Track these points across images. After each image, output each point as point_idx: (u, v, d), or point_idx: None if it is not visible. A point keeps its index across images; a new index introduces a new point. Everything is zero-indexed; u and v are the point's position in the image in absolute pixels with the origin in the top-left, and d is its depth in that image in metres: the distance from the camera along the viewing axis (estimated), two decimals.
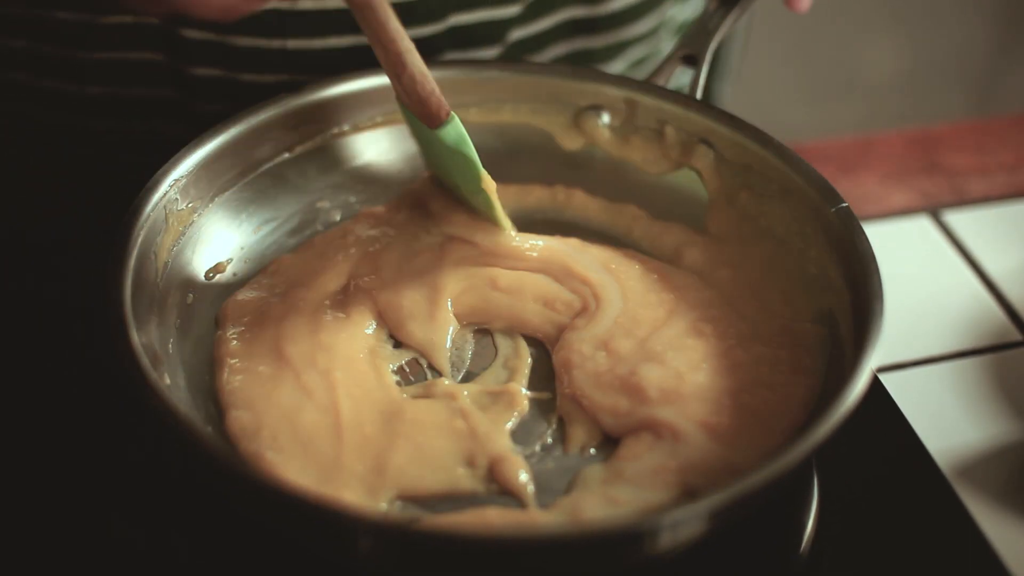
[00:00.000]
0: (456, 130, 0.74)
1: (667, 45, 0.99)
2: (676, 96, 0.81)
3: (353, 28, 0.82)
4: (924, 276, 0.86)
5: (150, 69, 0.85)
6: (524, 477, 0.67)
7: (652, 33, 0.96)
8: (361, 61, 0.80)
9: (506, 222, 0.78)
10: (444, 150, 0.75)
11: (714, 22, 0.83)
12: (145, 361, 0.63)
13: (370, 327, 0.74)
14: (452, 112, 0.74)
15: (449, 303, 0.75)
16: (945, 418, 0.76)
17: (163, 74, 0.85)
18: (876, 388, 0.76)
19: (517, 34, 0.89)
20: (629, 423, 0.69)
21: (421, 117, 0.74)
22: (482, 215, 0.78)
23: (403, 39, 0.71)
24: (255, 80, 0.85)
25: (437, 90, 0.73)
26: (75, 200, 0.88)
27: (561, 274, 0.77)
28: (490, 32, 0.88)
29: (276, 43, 0.84)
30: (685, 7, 1.00)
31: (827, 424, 0.61)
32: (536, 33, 0.90)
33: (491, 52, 0.89)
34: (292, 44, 0.84)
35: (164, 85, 0.86)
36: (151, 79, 0.86)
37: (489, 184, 0.75)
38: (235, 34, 0.83)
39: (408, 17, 0.72)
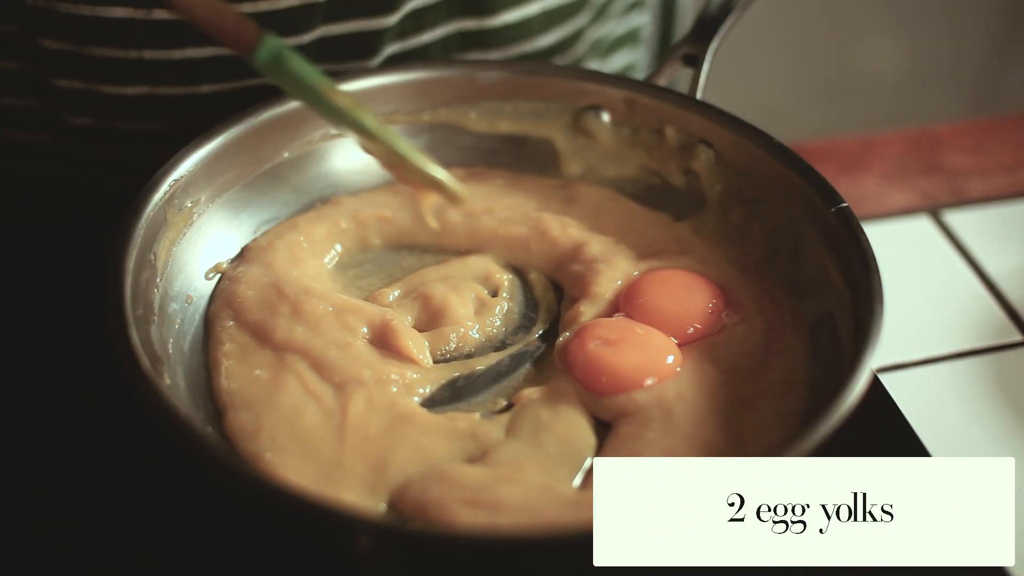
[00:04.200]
0: (271, 49, 0.65)
1: (591, 64, 0.95)
2: (676, 96, 0.81)
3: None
4: (924, 276, 0.86)
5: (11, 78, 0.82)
6: None
7: (561, 49, 0.91)
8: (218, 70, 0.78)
9: (421, 161, 0.69)
10: (290, 90, 0.67)
11: (714, 22, 0.83)
12: (145, 361, 0.63)
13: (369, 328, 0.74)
14: (263, 32, 0.66)
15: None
16: (945, 418, 0.76)
17: (25, 83, 0.82)
18: (876, 388, 0.76)
19: (395, 47, 0.85)
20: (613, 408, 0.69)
21: (235, 51, 0.66)
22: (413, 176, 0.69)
23: None
24: (117, 92, 0.81)
25: (231, 10, 0.66)
26: (75, 200, 0.88)
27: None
28: (364, 44, 0.83)
29: (133, 54, 0.79)
30: (603, 25, 0.95)
31: (827, 424, 0.61)
32: (419, 47, 0.86)
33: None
34: (148, 55, 0.79)
35: (27, 95, 0.83)
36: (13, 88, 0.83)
37: (345, 100, 0.66)
38: (92, 45, 0.79)
39: (269, 28, 0.67)
